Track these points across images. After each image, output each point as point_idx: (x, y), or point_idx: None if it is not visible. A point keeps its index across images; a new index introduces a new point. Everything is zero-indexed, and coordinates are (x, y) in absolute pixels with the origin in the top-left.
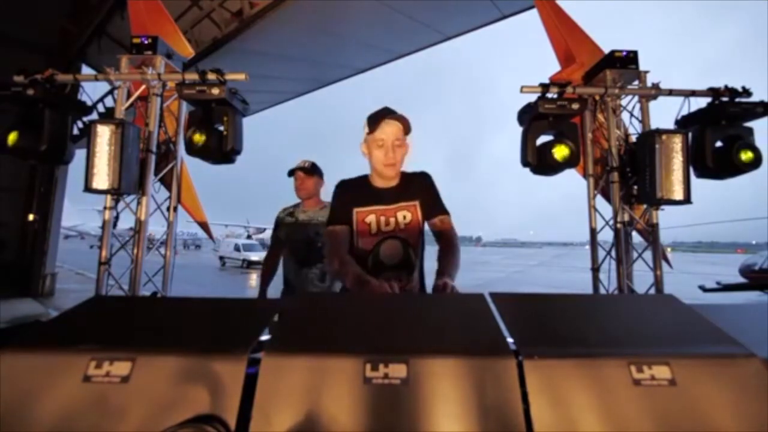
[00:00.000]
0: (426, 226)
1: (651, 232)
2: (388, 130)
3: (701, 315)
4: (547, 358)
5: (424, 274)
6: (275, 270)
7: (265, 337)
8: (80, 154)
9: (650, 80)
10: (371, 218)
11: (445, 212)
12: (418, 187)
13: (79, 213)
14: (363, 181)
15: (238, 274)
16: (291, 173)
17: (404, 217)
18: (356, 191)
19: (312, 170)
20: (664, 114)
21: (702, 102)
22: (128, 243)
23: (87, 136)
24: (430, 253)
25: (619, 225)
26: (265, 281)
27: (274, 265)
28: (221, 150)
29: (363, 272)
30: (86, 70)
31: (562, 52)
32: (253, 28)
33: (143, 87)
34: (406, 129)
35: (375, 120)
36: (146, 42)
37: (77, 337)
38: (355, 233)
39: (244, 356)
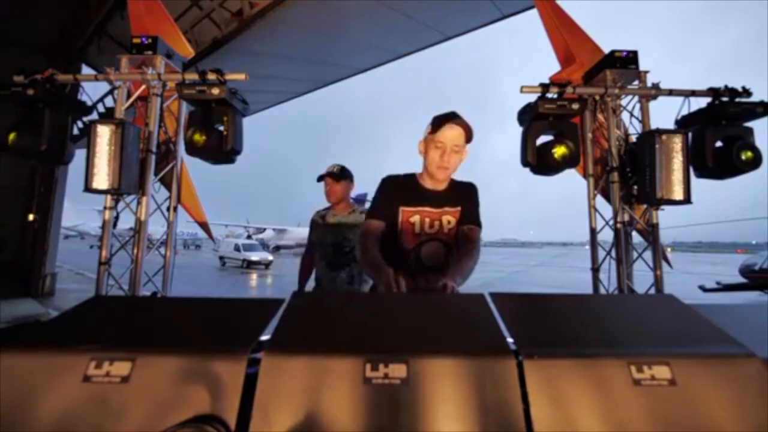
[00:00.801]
0: None
1: (651, 232)
2: (449, 134)
3: (701, 315)
4: (547, 358)
5: None
6: (311, 271)
7: (265, 337)
8: (80, 154)
9: (650, 80)
10: (416, 218)
11: (478, 224)
12: (464, 195)
13: (79, 213)
14: (411, 179)
15: (239, 274)
16: (320, 178)
17: (448, 222)
18: (403, 189)
19: (340, 175)
20: (664, 114)
21: (702, 102)
22: (128, 243)
23: (87, 136)
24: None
25: (619, 225)
26: (301, 281)
27: (309, 265)
28: (221, 150)
29: (382, 260)
30: (86, 70)
31: (562, 52)
32: (253, 28)
33: (143, 87)
34: (468, 136)
35: (439, 121)
36: (146, 42)
37: (77, 337)
38: (398, 230)
39: (244, 356)
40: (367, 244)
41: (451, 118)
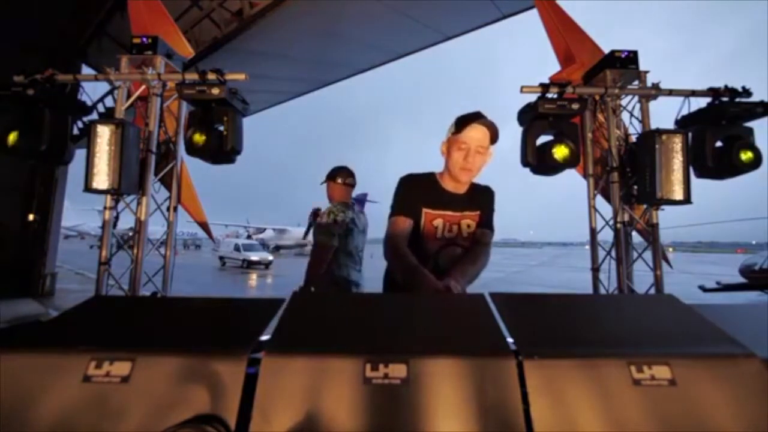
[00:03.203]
0: None
1: (651, 232)
2: (474, 134)
3: (701, 315)
4: (547, 358)
5: None
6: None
7: (265, 337)
8: (80, 154)
9: (650, 80)
10: (439, 222)
11: (491, 229)
12: (483, 200)
13: (79, 213)
14: (432, 179)
15: (239, 274)
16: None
17: (468, 226)
18: (425, 189)
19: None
20: (665, 114)
21: (702, 102)
22: (128, 243)
23: (87, 136)
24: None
25: (619, 225)
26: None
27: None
28: (221, 150)
29: (419, 265)
30: (86, 70)
31: (562, 52)
32: (253, 28)
33: (143, 87)
34: (493, 137)
35: (463, 121)
36: (146, 42)
37: (77, 337)
38: (420, 232)
39: (244, 356)
40: (399, 244)
41: (476, 118)
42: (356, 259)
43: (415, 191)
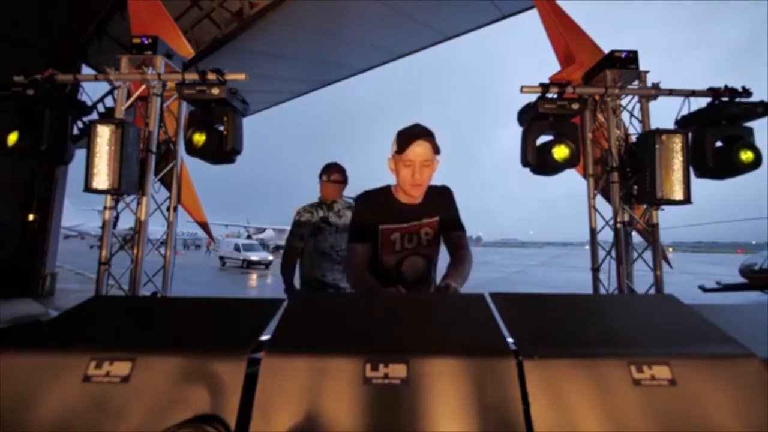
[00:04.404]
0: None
1: (651, 232)
2: (418, 150)
3: (701, 315)
4: (547, 358)
5: (437, 283)
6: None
7: (265, 337)
8: (80, 154)
9: (650, 80)
10: (396, 236)
11: (462, 229)
12: (440, 204)
13: (79, 213)
14: (387, 194)
15: (238, 274)
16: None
17: (426, 234)
18: (381, 208)
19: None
20: (665, 114)
21: (702, 102)
22: (128, 243)
23: (87, 136)
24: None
25: (619, 225)
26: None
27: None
28: (221, 150)
29: (378, 285)
30: (86, 70)
31: (562, 52)
32: (253, 28)
33: (143, 87)
34: (436, 149)
35: (404, 141)
36: (146, 42)
37: (77, 337)
38: (379, 247)
39: (244, 356)
40: (360, 271)
41: (416, 136)
42: (335, 259)
43: (370, 211)
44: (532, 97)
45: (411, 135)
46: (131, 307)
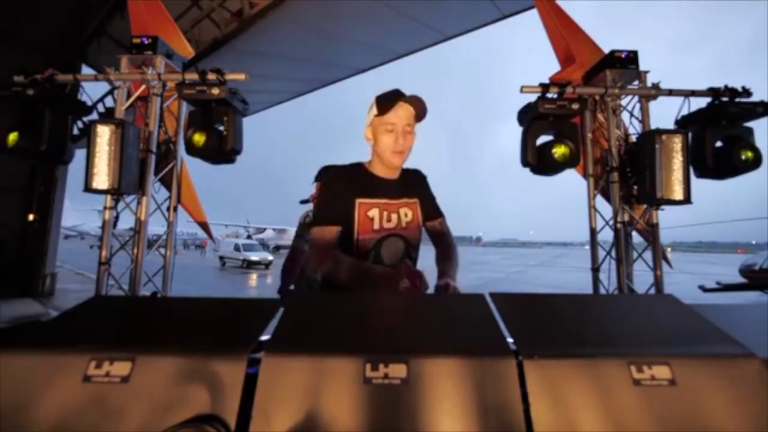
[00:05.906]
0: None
1: (651, 232)
2: (401, 113)
3: (701, 315)
4: (547, 358)
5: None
6: None
7: (265, 337)
8: (80, 154)
9: (651, 80)
10: (374, 212)
11: (442, 215)
12: (417, 185)
13: (79, 213)
14: (359, 168)
15: (238, 274)
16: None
17: (405, 215)
18: (354, 179)
19: None
20: (665, 114)
21: (702, 102)
22: (128, 243)
23: (87, 136)
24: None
25: (619, 225)
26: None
27: None
28: (221, 150)
29: (361, 262)
30: (86, 70)
31: (562, 52)
32: (253, 28)
33: (143, 87)
34: (419, 115)
35: (386, 101)
36: (146, 42)
37: (77, 337)
38: (355, 226)
39: (244, 356)
40: (327, 250)
41: (399, 96)
42: None
43: (343, 184)
44: (533, 97)
45: (393, 96)
46: (131, 307)
